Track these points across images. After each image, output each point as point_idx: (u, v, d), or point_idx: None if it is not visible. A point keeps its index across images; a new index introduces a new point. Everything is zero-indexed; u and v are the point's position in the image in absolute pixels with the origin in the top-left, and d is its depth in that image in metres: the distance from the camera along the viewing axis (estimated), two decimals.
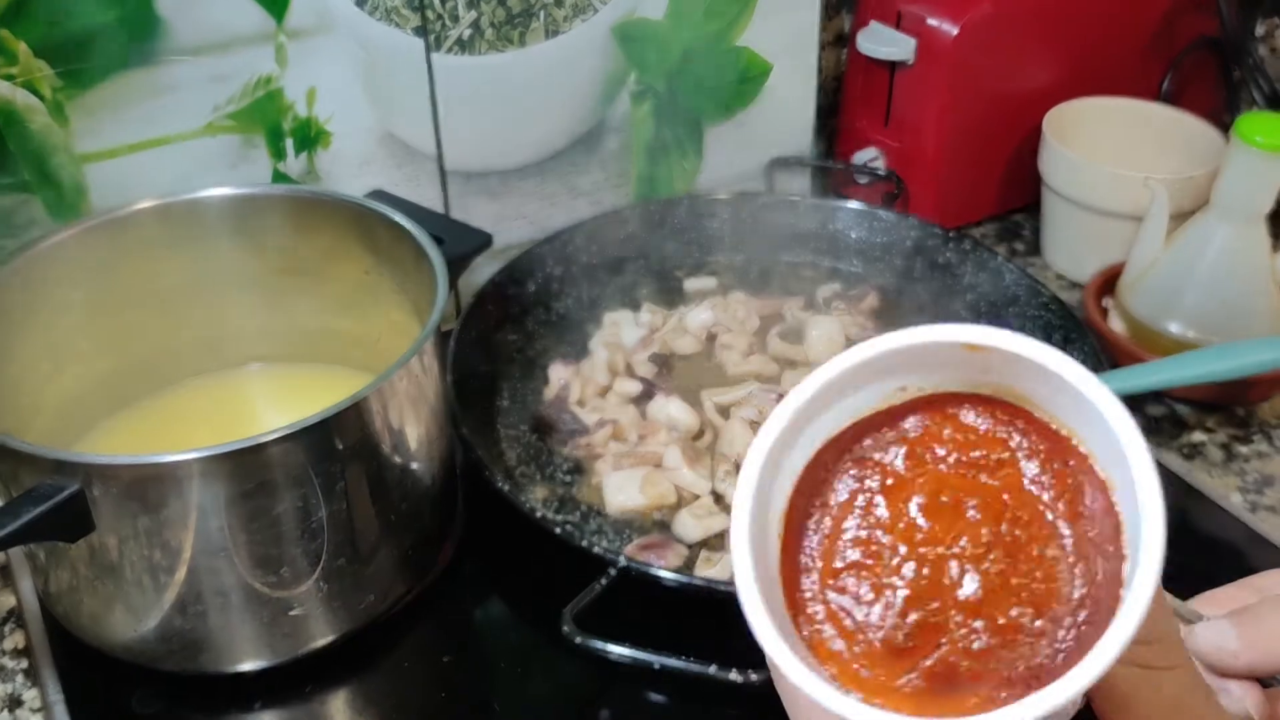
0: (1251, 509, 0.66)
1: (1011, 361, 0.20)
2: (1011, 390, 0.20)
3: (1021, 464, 0.20)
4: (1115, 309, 0.77)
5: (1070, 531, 0.19)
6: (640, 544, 0.60)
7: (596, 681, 0.56)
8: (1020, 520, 0.19)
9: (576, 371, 0.71)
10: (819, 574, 0.20)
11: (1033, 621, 0.19)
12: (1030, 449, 0.20)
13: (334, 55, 0.68)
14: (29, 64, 0.60)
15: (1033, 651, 0.19)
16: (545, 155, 0.79)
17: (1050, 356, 0.19)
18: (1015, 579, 0.19)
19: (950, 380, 0.21)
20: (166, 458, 0.47)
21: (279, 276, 0.66)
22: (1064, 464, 0.20)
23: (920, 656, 0.19)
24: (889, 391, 0.21)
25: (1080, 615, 0.19)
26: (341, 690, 0.56)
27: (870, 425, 0.21)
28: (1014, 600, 0.19)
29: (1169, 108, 0.86)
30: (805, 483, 0.21)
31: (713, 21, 0.81)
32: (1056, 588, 0.19)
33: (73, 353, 0.61)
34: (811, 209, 0.82)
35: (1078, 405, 0.19)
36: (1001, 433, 0.20)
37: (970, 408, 0.21)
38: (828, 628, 0.20)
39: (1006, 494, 0.20)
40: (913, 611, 0.19)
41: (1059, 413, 0.20)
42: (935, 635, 0.19)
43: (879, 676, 0.19)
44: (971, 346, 0.20)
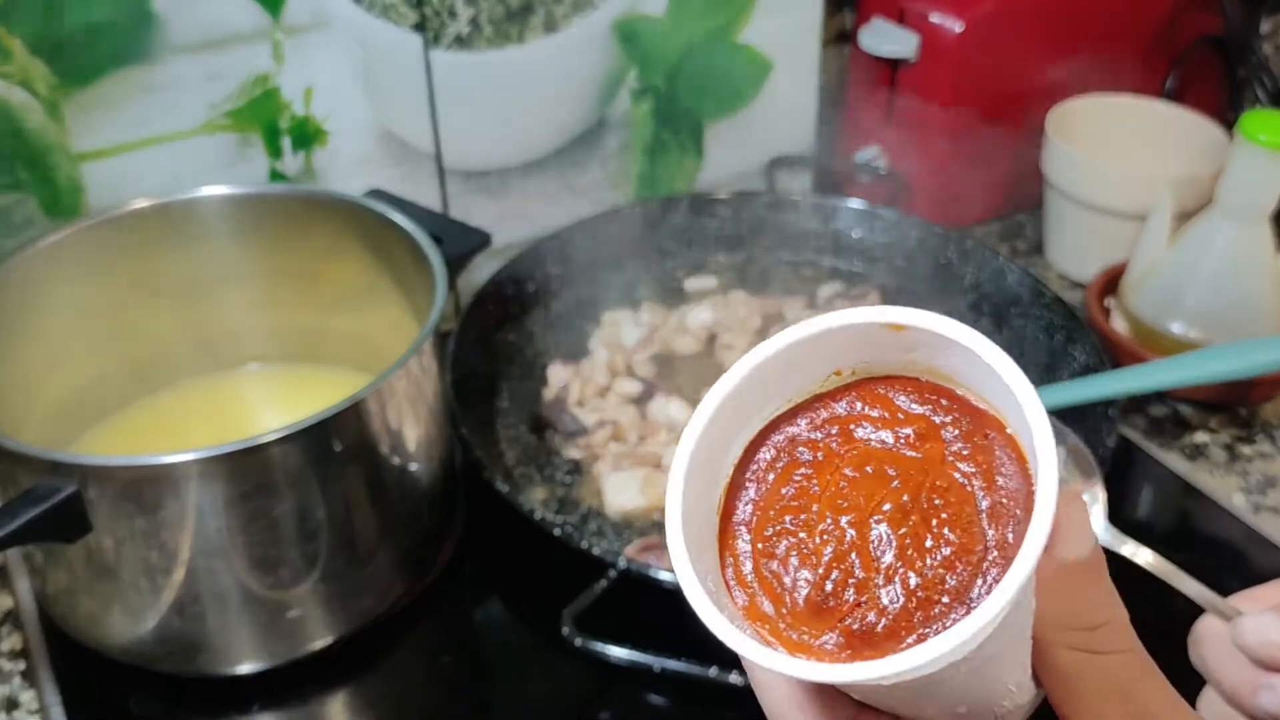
0: (1254, 510, 0.66)
1: (930, 339, 0.21)
2: (934, 369, 0.22)
3: (945, 438, 0.22)
4: (1118, 309, 0.76)
5: (987, 499, 0.21)
6: (640, 545, 0.60)
7: (596, 683, 0.56)
8: (939, 488, 0.21)
9: (576, 371, 0.71)
10: (751, 543, 0.22)
11: (945, 580, 0.20)
12: (953, 423, 0.22)
13: (331, 53, 0.68)
14: (24, 62, 0.60)
15: (945, 611, 0.20)
16: (545, 153, 0.79)
17: (955, 329, 0.21)
18: (930, 541, 0.20)
19: (879, 363, 0.22)
20: (164, 459, 0.47)
21: (276, 276, 0.65)
22: (984, 436, 0.21)
23: (841, 616, 0.20)
24: (824, 375, 0.23)
25: (990, 575, 0.20)
26: (340, 692, 0.56)
27: (806, 407, 0.23)
28: (928, 561, 0.20)
29: (1173, 106, 0.86)
30: (744, 461, 0.23)
31: (713, 18, 0.81)
32: (970, 550, 0.20)
33: (70, 353, 0.61)
34: (813, 208, 0.82)
35: (986, 374, 0.21)
36: (926, 410, 0.22)
37: (899, 388, 0.22)
38: (760, 593, 0.21)
39: (928, 465, 0.21)
40: (835, 571, 0.21)
41: (976, 386, 0.22)
42: (856, 595, 0.21)
43: (803, 635, 0.21)
44: (893, 326, 0.21)
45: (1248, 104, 0.89)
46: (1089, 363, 0.68)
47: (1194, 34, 0.89)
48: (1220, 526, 0.65)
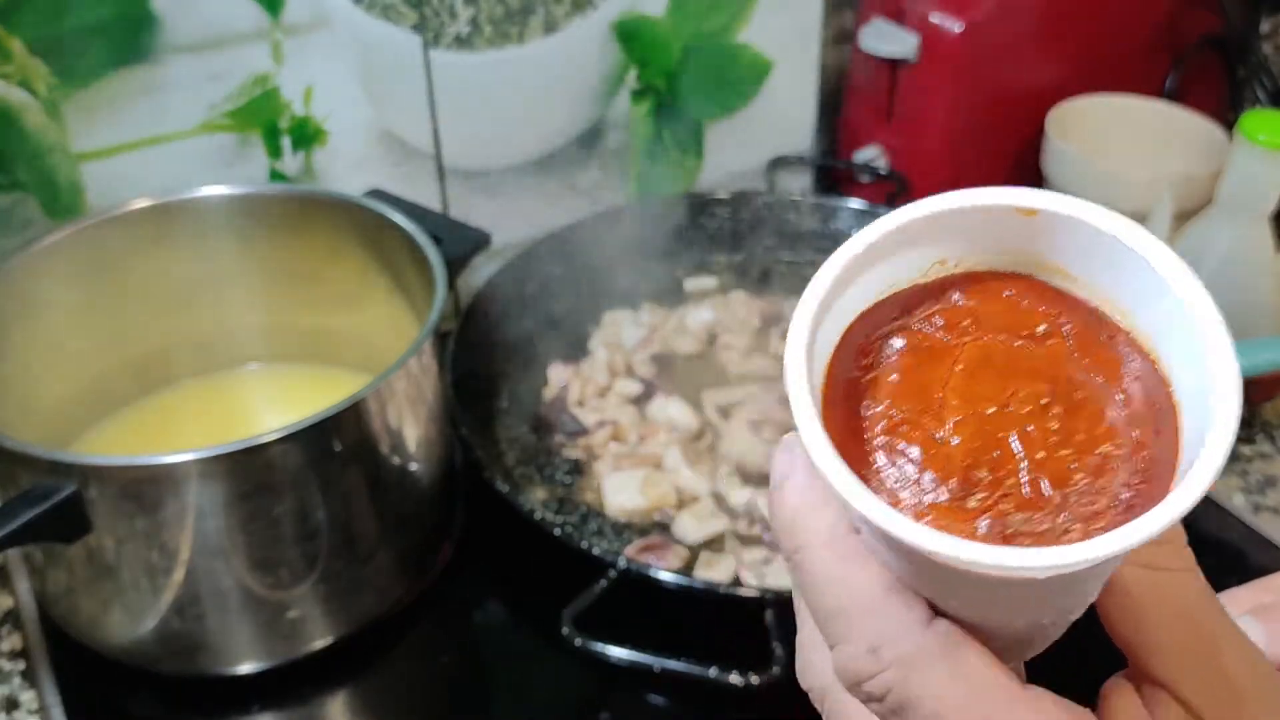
0: (1254, 510, 0.66)
1: (1061, 225, 0.20)
2: (1053, 267, 0.21)
3: (1065, 338, 0.20)
4: None
5: (1121, 396, 0.20)
6: (640, 545, 0.60)
7: (596, 684, 0.56)
8: (1076, 381, 0.20)
9: (576, 371, 0.71)
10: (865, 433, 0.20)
11: (1095, 478, 0.19)
12: (1072, 324, 0.20)
13: (331, 52, 0.68)
14: (24, 62, 0.60)
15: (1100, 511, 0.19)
16: (544, 153, 0.79)
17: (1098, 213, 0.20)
18: (1078, 434, 0.19)
19: (990, 255, 0.21)
20: (164, 459, 0.47)
21: (276, 276, 0.65)
22: (1106, 336, 0.20)
23: (983, 508, 0.19)
24: (928, 265, 0.21)
25: (1141, 471, 0.19)
26: (340, 692, 0.56)
27: (910, 296, 0.21)
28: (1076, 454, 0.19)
29: (1173, 106, 0.86)
30: (843, 349, 0.21)
31: (713, 18, 0.80)
32: (1118, 446, 0.19)
33: (69, 352, 0.61)
34: (813, 208, 0.82)
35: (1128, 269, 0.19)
36: (1043, 308, 0.20)
37: (1008, 284, 0.21)
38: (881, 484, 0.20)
39: (1055, 361, 0.20)
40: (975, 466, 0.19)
41: (1104, 283, 0.20)
42: (998, 487, 0.19)
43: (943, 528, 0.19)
44: (1025, 210, 0.20)
45: (1248, 104, 0.89)
46: None
47: (1194, 34, 0.89)
48: (1220, 526, 0.65)
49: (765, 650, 0.50)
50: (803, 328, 0.20)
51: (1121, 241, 0.19)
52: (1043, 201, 0.20)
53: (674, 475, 0.63)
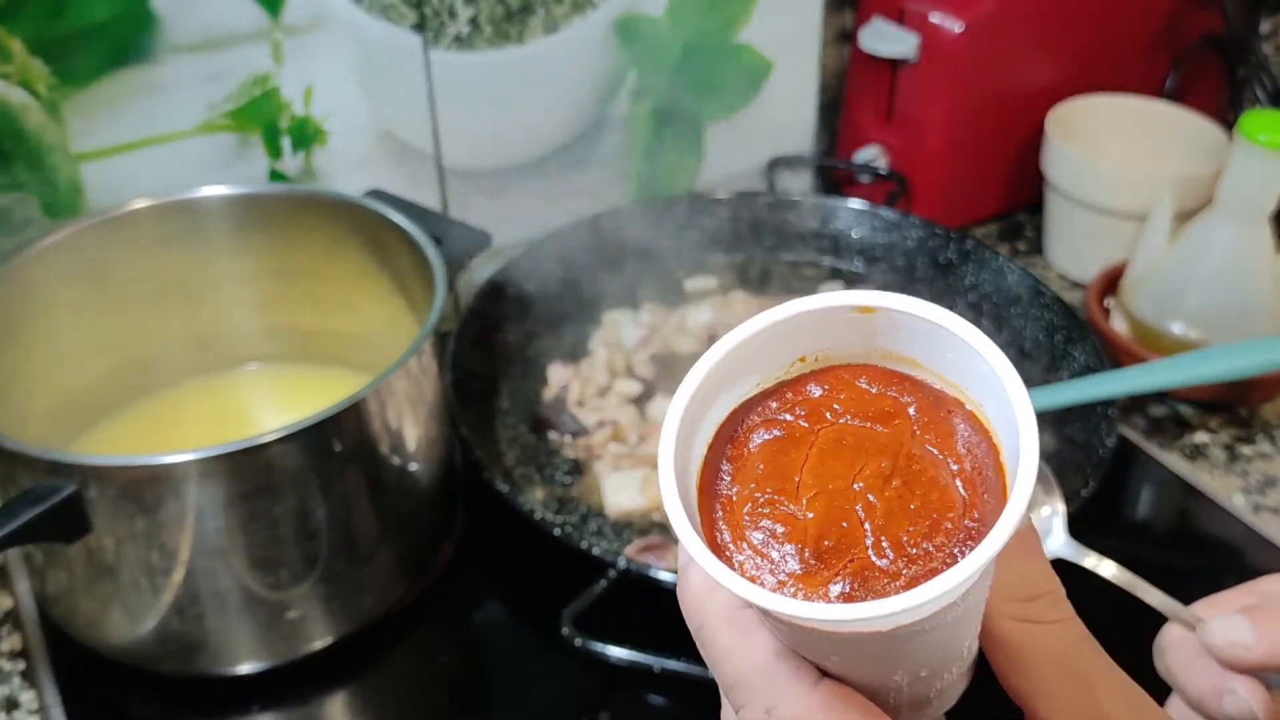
0: (1254, 510, 0.66)
1: (898, 319, 0.22)
2: (892, 354, 0.23)
3: (910, 417, 0.23)
4: (1118, 309, 0.76)
5: (956, 465, 0.22)
6: (640, 545, 0.60)
7: (596, 684, 0.56)
8: (914, 456, 0.22)
9: (576, 371, 0.71)
10: (733, 513, 0.23)
11: (932, 539, 0.21)
12: (916, 406, 0.23)
13: (331, 52, 0.68)
14: (24, 62, 0.60)
15: (935, 566, 0.21)
16: (544, 154, 0.79)
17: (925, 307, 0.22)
18: (913, 503, 0.22)
19: (843, 349, 0.24)
20: (163, 459, 0.47)
21: (276, 276, 0.65)
22: (947, 413, 0.23)
23: (834, 574, 0.22)
24: (790, 361, 0.24)
25: (972, 531, 0.22)
26: (340, 692, 0.56)
27: (775, 392, 0.24)
28: (913, 520, 0.22)
29: (1173, 106, 0.86)
30: (719, 441, 0.23)
31: (713, 18, 0.80)
32: (951, 511, 0.22)
33: (69, 353, 0.61)
34: (813, 208, 0.82)
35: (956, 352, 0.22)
36: (890, 391, 0.23)
37: (860, 374, 0.23)
38: (748, 557, 0.22)
39: (899, 439, 0.23)
40: (825, 533, 0.22)
41: (940, 366, 0.23)
42: (845, 554, 0.22)
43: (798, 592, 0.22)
44: (862, 309, 0.23)
45: (1248, 104, 0.89)
46: (1089, 363, 0.68)
47: (1194, 34, 0.89)
48: (1220, 526, 0.65)
49: None
50: (671, 430, 0.22)
51: (944, 328, 0.22)
52: (877, 300, 0.22)
53: None
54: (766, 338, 0.23)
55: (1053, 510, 0.46)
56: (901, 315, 0.22)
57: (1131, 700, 0.24)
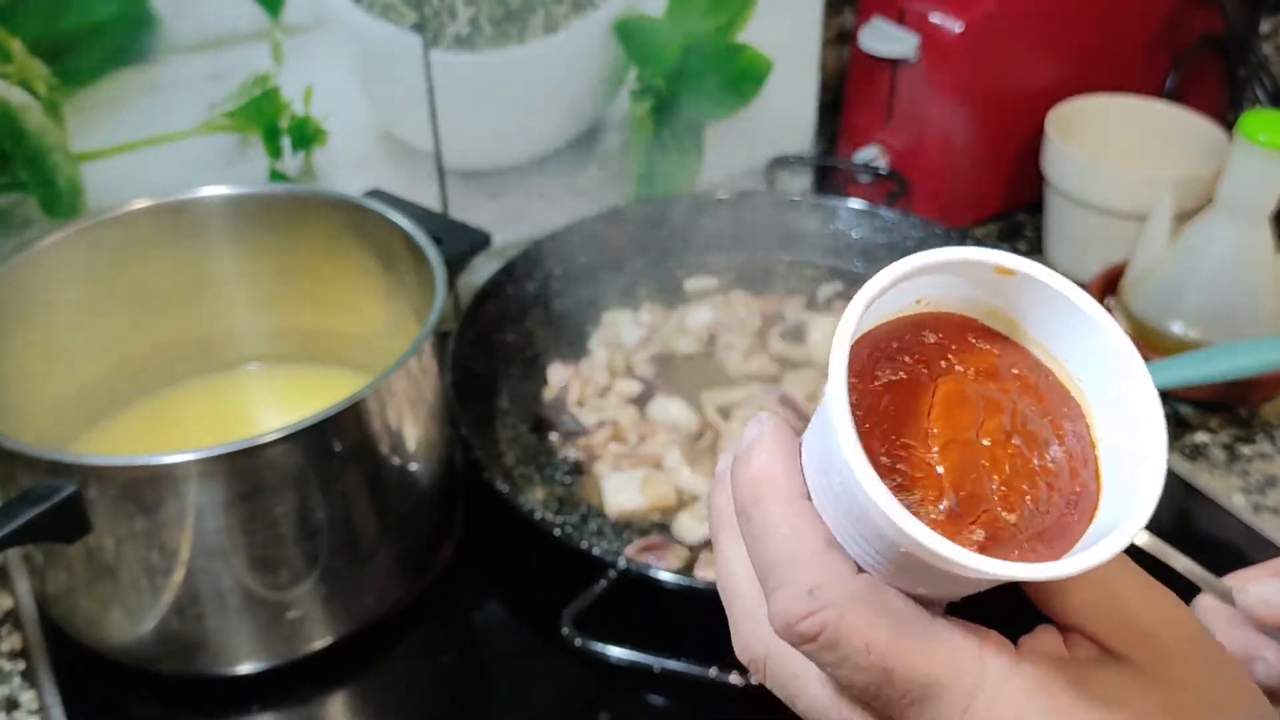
0: (1254, 510, 0.66)
1: (1028, 286, 0.23)
2: (1002, 315, 0.24)
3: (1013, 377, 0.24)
4: (1118, 308, 0.76)
5: (1056, 434, 0.24)
6: (640, 545, 0.60)
7: (596, 684, 0.56)
8: (1026, 416, 0.23)
9: (576, 371, 0.71)
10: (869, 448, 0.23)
11: (1046, 499, 0.23)
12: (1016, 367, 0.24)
13: (331, 52, 0.68)
14: (24, 62, 0.60)
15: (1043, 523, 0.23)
16: (544, 154, 0.79)
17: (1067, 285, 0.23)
18: (1032, 462, 0.23)
19: (955, 300, 0.24)
20: (163, 459, 0.47)
21: (276, 276, 0.65)
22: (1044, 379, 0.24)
23: (971, 521, 0.22)
24: (909, 302, 0.24)
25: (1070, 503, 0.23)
26: (340, 692, 0.56)
27: (892, 329, 0.24)
28: (1031, 478, 0.23)
29: (1173, 106, 0.86)
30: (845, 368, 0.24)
31: (713, 18, 0.80)
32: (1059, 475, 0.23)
33: (69, 353, 0.61)
34: (813, 208, 0.82)
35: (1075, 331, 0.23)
36: (996, 351, 0.24)
37: (969, 331, 0.25)
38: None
39: (1009, 398, 0.24)
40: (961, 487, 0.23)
41: (1046, 337, 0.24)
42: (979, 505, 0.23)
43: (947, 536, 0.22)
44: (1001, 269, 0.23)
45: (1248, 104, 0.89)
46: None
47: (1194, 34, 0.89)
48: (1220, 526, 0.65)
49: None
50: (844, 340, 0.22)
51: (1075, 304, 0.23)
52: (1017, 264, 0.23)
53: (674, 475, 0.63)
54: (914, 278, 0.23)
55: None
56: (1036, 283, 0.23)
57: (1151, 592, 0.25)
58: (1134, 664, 0.24)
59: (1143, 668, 0.24)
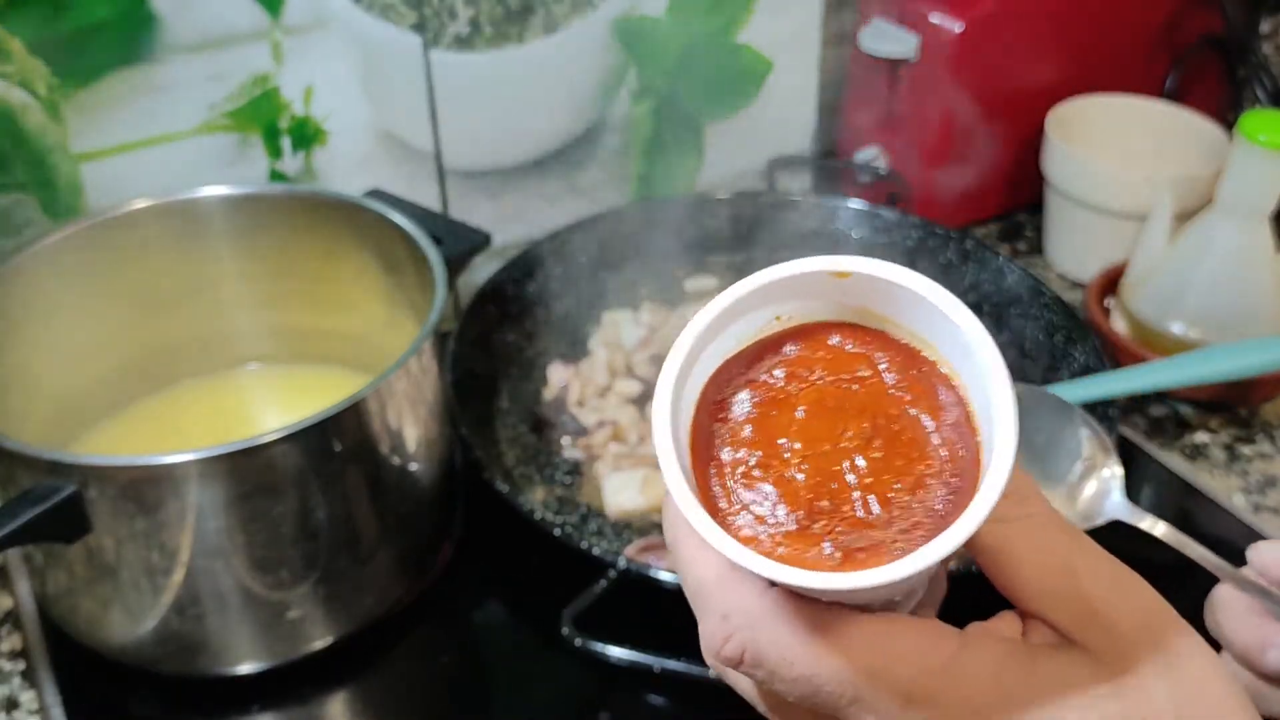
0: (1254, 510, 0.66)
1: (870, 283, 0.24)
2: (869, 312, 0.24)
3: (883, 375, 0.24)
4: (1118, 309, 0.76)
5: (932, 422, 0.23)
6: (640, 545, 0.60)
7: (596, 684, 0.56)
8: (893, 415, 0.23)
9: (576, 371, 0.71)
10: (728, 475, 0.23)
11: (913, 494, 0.23)
12: (888, 363, 0.24)
13: (331, 53, 0.68)
14: (24, 62, 0.60)
15: (919, 524, 0.22)
16: (544, 154, 0.79)
17: (900, 273, 0.23)
18: (896, 460, 0.23)
19: (818, 309, 0.25)
20: (164, 459, 0.47)
21: (276, 276, 0.65)
22: (917, 370, 0.24)
23: (827, 533, 0.23)
24: (766, 321, 0.25)
25: (952, 484, 0.23)
26: (340, 692, 0.56)
27: (754, 352, 0.25)
28: (898, 477, 0.23)
29: (1173, 106, 0.86)
30: (704, 402, 0.24)
31: (713, 18, 0.80)
32: (931, 469, 0.23)
33: (69, 353, 0.61)
34: (812, 208, 0.82)
35: (928, 316, 0.23)
36: (863, 351, 0.24)
37: (835, 333, 0.25)
38: (741, 519, 0.23)
39: (876, 397, 0.24)
40: (817, 498, 0.23)
41: (912, 325, 0.24)
42: (836, 513, 0.23)
43: (793, 551, 0.22)
44: (839, 273, 0.24)
45: (1248, 104, 0.89)
46: (1089, 363, 0.68)
47: (1194, 34, 0.89)
48: (1220, 526, 0.65)
49: None
50: (666, 392, 0.23)
51: (918, 293, 0.23)
52: (852, 265, 0.24)
53: None
54: (748, 301, 0.24)
55: (1111, 473, 0.46)
56: (876, 280, 0.23)
57: (1114, 576, 0.25)
58: (1088, 650, 0.24)
59: (1096, 654, 0.24)
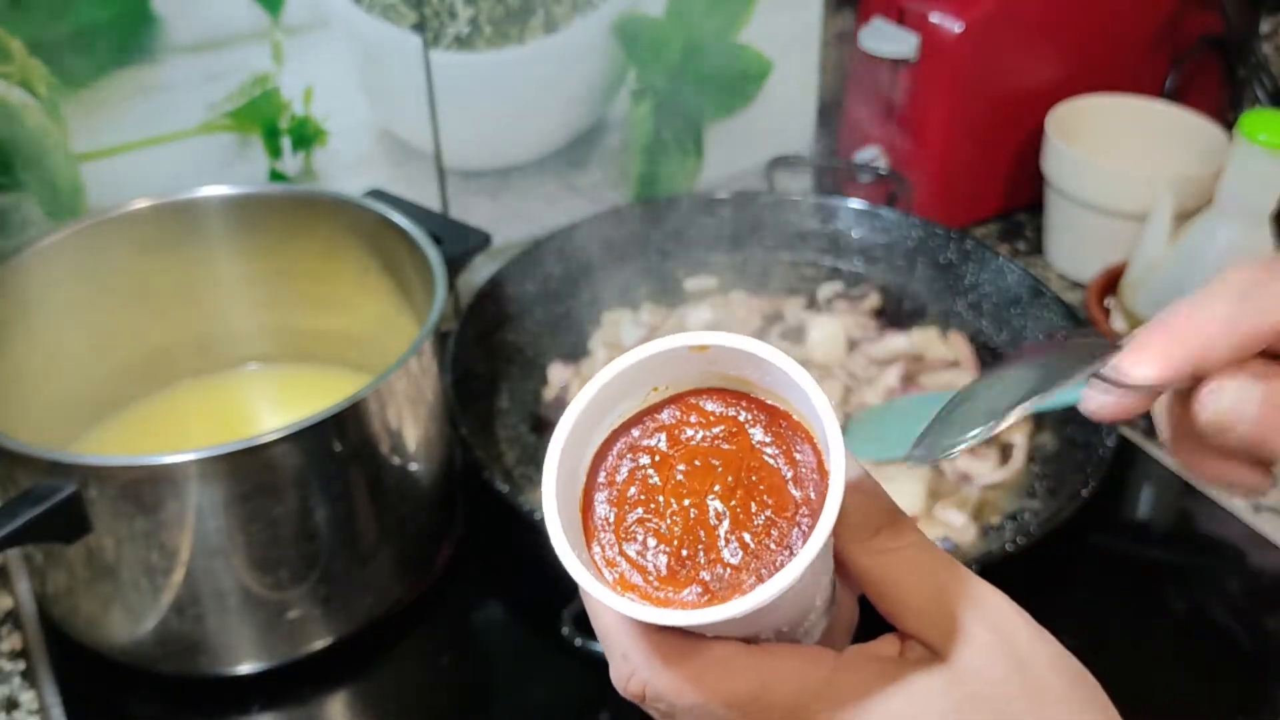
0: (1254, 510, 0.66)
1: (728, 354, 0.27)
2: (732, 378, 0.28)
3: (749, 431, 0.28)
4: (1118, 309, 0.76)
5: (790, 471, 0.27)
6: None
7: (596, 683, 0.56)
8: (753, 468, 0.27)
9: (576, 371, 0.71)
10: (612, 532, 0.27)
11: (770, 535, 0.26)
12: (753, 419, 0.28)
13: (331, 53, 0.68)
14: (24, 62, 0.60)
15: (774, 557, 0.26)
16: (544, 154, 0.79)
17: (750, 344, 0.27)
18: (755, 508, 0.26)
19: (689, 378, 0.28)
20: (164, 459, 0.47)
21: (276, 276, 0.65)
22: (779, 425, 0.28)
23: (695, 576, 0.26)
24: (646, 393, 0.28)
25: (804, 525, 0.26)
26: (340, 692, 0.56)
27: (637, 420, 0.28)
28: (756, 523, 0.26)
29: (1173, 106, 0.86)
30: (594, 468, 0.28)
31: (713, 18, 0.80)
32: (784, 510, 0.26)
33: (69, 353, 0.61)
34: (813, 208, 0.82)
35: (776, 376, 0.27)
36: (731, 411, 0.28)
37: (706, 397, 0.28)
38: (625, 568, 0.27)
39: (741, 453, 0.27)
40: (685, 542, 0.26)
41: (769, 386, 0.28)
42: (705, 558, 0.26)
43: (667, 594, 0.26)
44: (697, 348, 0.27)
45: (1248, 104, 0.89)
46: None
47: (1194, 34, 0.89)
48: (1220, 526, 0.65)
49: None
50: (552, 466, 0.26)
51: (766, 360, 0.26)
52: (708, 339, 0.27)
53: None
54: (622, 380, 0.27)
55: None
56: (728, 350, 0.27)
57: (978, 597, 0.28)
58: (948, 661, 0.27)
59: (955, 664, 0.27)
